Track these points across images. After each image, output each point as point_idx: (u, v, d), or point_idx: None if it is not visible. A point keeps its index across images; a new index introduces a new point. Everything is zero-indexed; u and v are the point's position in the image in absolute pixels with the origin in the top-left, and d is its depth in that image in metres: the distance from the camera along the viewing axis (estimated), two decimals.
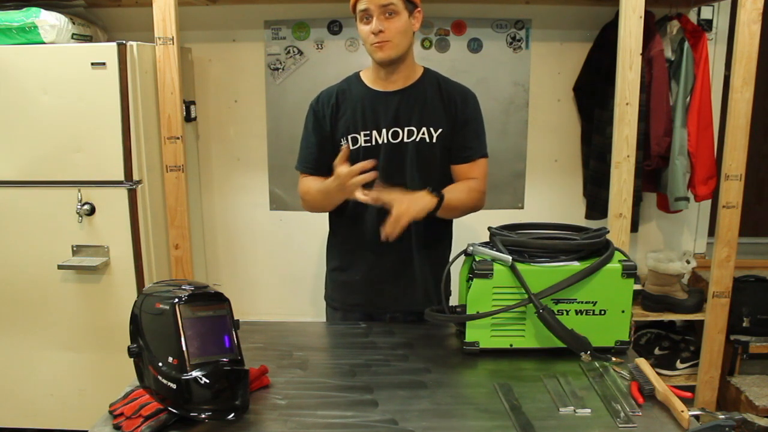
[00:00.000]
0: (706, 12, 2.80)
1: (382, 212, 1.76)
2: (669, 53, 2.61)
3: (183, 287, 1.24)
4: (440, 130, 1.78)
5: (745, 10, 2.21)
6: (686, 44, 2.56)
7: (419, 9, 1.74)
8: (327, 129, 1.81)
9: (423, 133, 1.77)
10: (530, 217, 2.90)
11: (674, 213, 2.81)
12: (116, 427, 1.20)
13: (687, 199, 2.66)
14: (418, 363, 1.48)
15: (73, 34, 2.37)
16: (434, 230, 1.84)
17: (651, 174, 2.71)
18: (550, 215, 2.93)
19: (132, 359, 1.22)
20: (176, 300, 1.19)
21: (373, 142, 1.76)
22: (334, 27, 2.80)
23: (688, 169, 2.64)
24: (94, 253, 2.36)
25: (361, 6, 1.67)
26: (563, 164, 2.95)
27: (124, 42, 2.21)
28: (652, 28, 2.57)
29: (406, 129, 1.77)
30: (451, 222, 1.92)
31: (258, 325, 1.71)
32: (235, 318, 1.27)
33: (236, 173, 2.96)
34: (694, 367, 2.71)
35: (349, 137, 1.77)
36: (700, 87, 2.58)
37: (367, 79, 1.82)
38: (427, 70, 1.85)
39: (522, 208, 2.95)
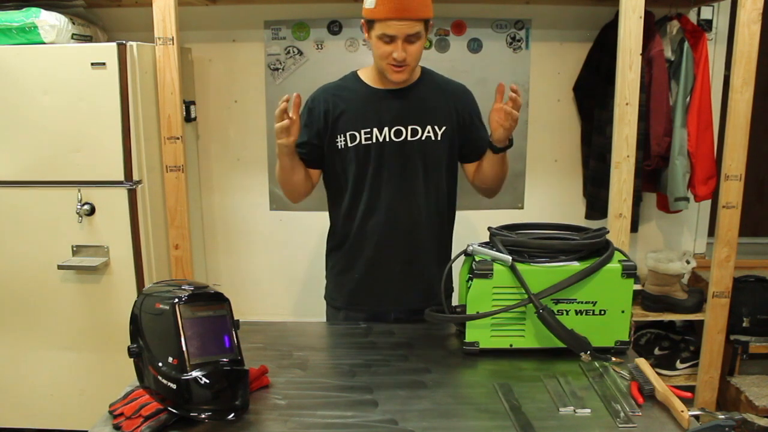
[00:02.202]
0: (706, 12, 2.80)
1: (381, 210, 1.78)
2: (669, 53, 2.61)
3: (183, 287, 1.24)
4: (444, 128, 1.79)
5: (745, 10, 2.21)
6: (686, 44, 2.56)
7: (431, 22, 1.72)
8: (320, 127, 1.79)
9: (428, 132, 1.77)
10: (530, 217, 2.90)
11: (674, 213, 2.81)
12: (116, 427, 1.20)
13: (687, 199, 2.66)
14: (418, 363, 1.48)
15: (73, 34, 2.37)
16: (437, 226, 1.85)
17: (651, 174, 2.71)
18: (550, 215, 2.93)
19: (132, 359, 1.23)
20: (176, 300, 1.19)
21: (374, 140, 1.76)
22: (334, 27, 2.80)
23: (688, 169, 2.64)
24: (94, 253, 2.36)
25: (388, 31, 1.62)
26: (563, 164, 2.95)
27: (124, 42, 2.21)
28: (652, 28, 2.57)
29: (410, 127, 1.76)
30: (453, 219, 1.93)
31: (258, 325, 1.71)
32: (235, 318, 1.27)
33: (236, 173, 2.96)
34: (694, 367, 2.71)
35: (348, 134, 1.77)
36: (700, 87, 2.58)
37: (367, 77, 1.82)
38: (424, 69, 1.85)
39: (522, 208, 2.95)
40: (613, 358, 1.45)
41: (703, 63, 2.58)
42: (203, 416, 1.16)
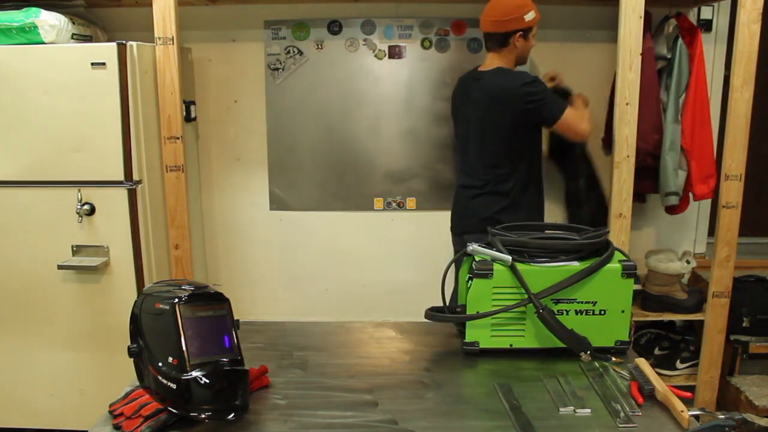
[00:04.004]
0: (706, 12, 2.80)
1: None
2: (664, 51, 2.60)
3: (183, 287, 1.24)
4: None
5: (745, 10, 2.21)
6: (680, 41, 2.55)
7: None
8: None
9: None
10: None
11: (671, 212, 2.78)
12: (116, 427, 1.20)
13: (677, 194, 2.64)
14: (418, 363, 1.48)
15: (73, 34, 2.38)
16: None
17: (650, 174, 2.69)
18: (550, 215, 2.92)
19: (132, 359, 1.22)
20: (176, 300, 1.19)
21: None
22: (334, 27, 2.80)
23: (681, 164, 2.62)
24: (94, 253, 2.36)
25: (536, 29, 2.35)
26: None
27: (124, 42, 2.21)
28: (643, 25, 2.56)
29: None
30: None
31: (258, 325, 1.71)
32: (235, 318, 1.27)
33: (236, 173, 2.96)
34: (694, 367, 2.71)
35: None
36: (695, 84, 2.56)
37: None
38: None
39: None
40: (613, 358, 1.45)
41: (698, 60, 2.56)
42: (203, 416, 1.16)
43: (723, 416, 1.14)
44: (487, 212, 2.37)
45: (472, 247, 1.51)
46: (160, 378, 1.16)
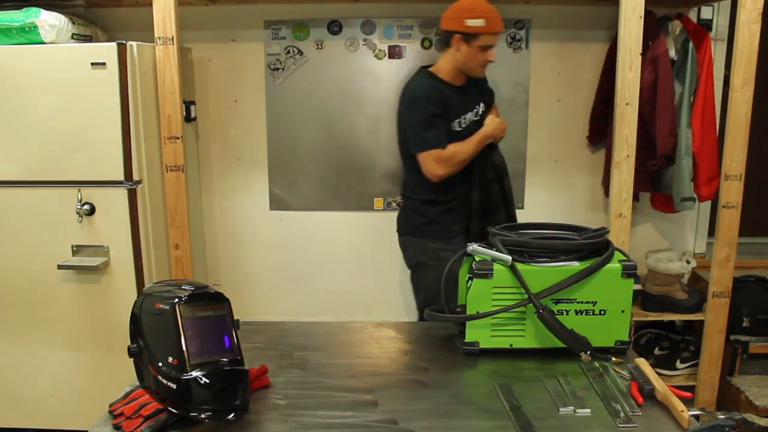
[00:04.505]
0: (706, 12, 2.80)
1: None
2: (672, 53, 2.60)
3: (183, 287, 1.24)
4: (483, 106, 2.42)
5: (745, 10, 2.21)
6: (690, 44, 2.55)
7: None
8: (445, 117, 2.25)
9: (483, 108, 2.40)
10: (530, 217, 2.90)
11: (667, 210, 2.79)
12: (116, 427, 1.20)
13: (693, 199, 2.65)
14: (418, 363, 1.48)
15: (73, 34, 2.38)
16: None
17: (651, 173, 2.70)
18: (550, 215, 2.93)
19: (132, 359, 1.23)
20: (176, 300, 1.19)
21: (469, 122, 2.33)
22: (334, 27, 2.80)
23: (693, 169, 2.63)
24: (94, 253, 2.36)
25: (491, 42, 2.21)
26: (563, 164, 2.95)
27: (124, 42, 2.21)
28: (656, 27, 2.56)
29: (475, 109, 2.36)
30: None
31: (258, 325, 1.71)
32: (235, 318, 1.27)
33: (236, 173, 2.96)
34: (694, 367, 2.71)
35: (456, 121, 2.29)
36: (704, 87, 2.57)
37: (447, 77, 2.30)
38: None
39: (522, 208, 2.95)
40: (613, 358, 1.45)
41: (707, 63, 2.57)
42: (203, 416, 1.16)
43: (723, 416, 1.14)
44: (421, 219, 2.40)
45: (472, 247, 1.51)
46: (160, 378, 1.16)
